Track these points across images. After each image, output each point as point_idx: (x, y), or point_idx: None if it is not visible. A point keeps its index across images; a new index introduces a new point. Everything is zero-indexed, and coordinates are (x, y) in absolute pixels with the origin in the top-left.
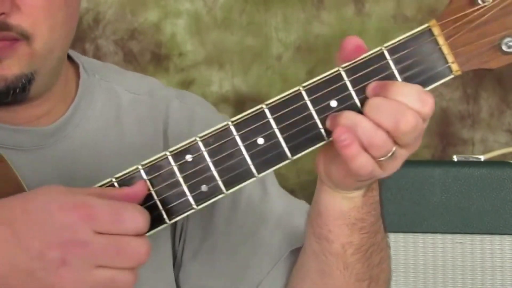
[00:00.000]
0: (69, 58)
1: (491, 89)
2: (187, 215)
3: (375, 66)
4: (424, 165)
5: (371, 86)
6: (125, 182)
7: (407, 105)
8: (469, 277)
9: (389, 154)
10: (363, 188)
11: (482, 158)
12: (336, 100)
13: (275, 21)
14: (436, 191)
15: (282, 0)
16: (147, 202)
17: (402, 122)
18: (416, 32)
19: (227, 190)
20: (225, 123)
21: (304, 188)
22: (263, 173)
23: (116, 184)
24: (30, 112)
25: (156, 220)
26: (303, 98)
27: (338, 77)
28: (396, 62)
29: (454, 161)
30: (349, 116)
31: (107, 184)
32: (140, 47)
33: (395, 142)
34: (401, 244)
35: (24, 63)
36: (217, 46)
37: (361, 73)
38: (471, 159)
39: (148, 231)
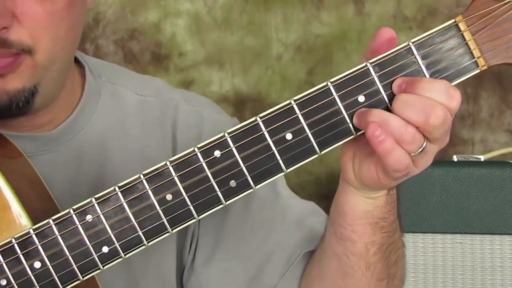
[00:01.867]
0: (75, 59)
1: (491, 89)
2: (199, 221)
3: (403, 61)
4: None
5: (397, 82)
6: (153, 178)
7: (435, 100)
8: (469, 277)
9: (420, 150)
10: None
11: (482, 158)
12: (364, 95)
13: (275, 21)
14: (436, 191)
15: (282, 0)
16: (175, 199)
17: (432, 116)
18: (442, 28)
19: (255, 185)
20: (253, 118)
21: (304, 188)
22: (292, 168)
23: (144, 181)
24: (35, 122)
25: (184, 216)
26: (331, 94)
27: (366, 72)
28: (423, 57)
29: (454, 161)
30: (378, 114)
31: (136, 181)
32: (140, 47)
33: (425, 137)
34: None
35: (26, 77)
36: (217, 46)
37: (389, 68)
38: (471, 159)
39: (176, 226)
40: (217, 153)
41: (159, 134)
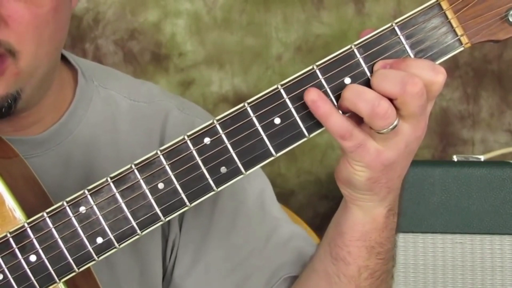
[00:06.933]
0: (68, 62)
1: (491, 89)
2: (181, 231)
3: (387, 42)
4: (424, 165)
5: (381, 64)
6: (145, 168)
7: (417, 74)
8: (469, 277)
9: (391, 126)
10: (382, 204)
11: (482, 158)
12: (350, 77)
13: (275, 21)
14: (436, 191)
15: (282, 0)
16: (166, 188)
17: (409, 84)
18: (425, 7)
19: (246, 171)
20: (241, 104)
21: (304, 188)
22: (282, 152)
23: (136, 170)
24: (17, 123)
25: (177, 204)
26: (317, 77)
27: (351, 54)
28: (407, 37)
29: (454, 161)
30: (353, 87)
31: (128, 171)
32: (140, 47)
33: (398, 115)
34: (401, 244)
35: (10, 83)
36: (217, 46)
37: (373, 49)
38: (471, 159)
39: (169, 215)
40: (206, 140)
41: (147, 141)
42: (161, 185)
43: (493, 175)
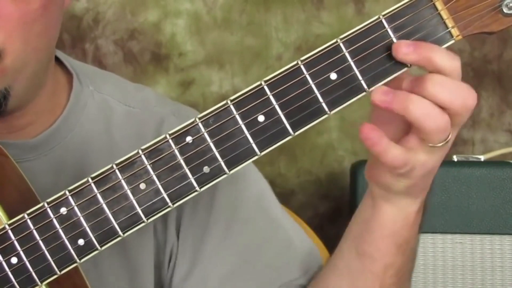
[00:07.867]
0: (64, 66)
1: (491, 89)
2: (178, 239)
3: (374, 35)
4: None
5: (410, 45)
6: (126, 168)
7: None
8: (469, 277)
9: (448, 139)
10: (417, 202)
11: (482, 158)
12: (336, 72)
13: (275, 21)
14: (436, 191)
15: (282, 0)
16: (148, 188)
17: (471, 97)
18: None
19: (229, 171)
20: (224, 102)
21: (304, 188)
22: (265, 151)
23: (117, 171)
24: (11, 123)
25: (159, 205)
26: (302, 73)
27: (336, 48)
28: (395, 30)
29: (454, 161)
30: (418, 99)
31: (109, 171)
32: (140, 47)
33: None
34: None
35: None
36: (217, 46)
37: (360, 43)
38: (471, 159)
39: (151, 216)
40: (188, 139)
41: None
42: (142, 185)
43: (493, 175)
